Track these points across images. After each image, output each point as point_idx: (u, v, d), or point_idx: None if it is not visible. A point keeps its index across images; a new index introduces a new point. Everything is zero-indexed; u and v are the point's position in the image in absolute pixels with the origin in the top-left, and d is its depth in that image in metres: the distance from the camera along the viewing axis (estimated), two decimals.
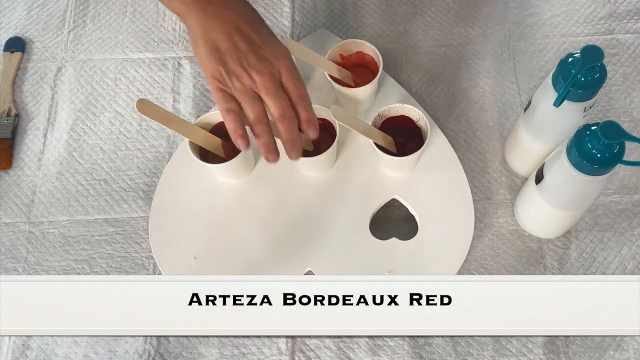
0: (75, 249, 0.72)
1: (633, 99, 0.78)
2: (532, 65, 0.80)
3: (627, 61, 0.80)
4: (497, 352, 0.65)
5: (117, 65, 0.83)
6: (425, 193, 0.71)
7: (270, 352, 0.66)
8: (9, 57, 0.84)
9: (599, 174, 0.57)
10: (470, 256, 0.69)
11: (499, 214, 0.72)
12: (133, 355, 0.66)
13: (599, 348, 0.65)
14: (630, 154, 0.57)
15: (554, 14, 0.84)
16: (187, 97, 0.80)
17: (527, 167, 0.71)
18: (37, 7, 0.88)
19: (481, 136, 0.76)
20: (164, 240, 0.70)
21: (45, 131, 0.79)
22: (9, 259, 0.72)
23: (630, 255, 0.69)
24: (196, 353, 0.66)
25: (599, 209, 0.71)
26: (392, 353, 0.65)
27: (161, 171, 0.75)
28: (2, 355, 0.67)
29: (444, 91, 0.79)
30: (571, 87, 0.58)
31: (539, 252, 0.70)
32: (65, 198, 0.75)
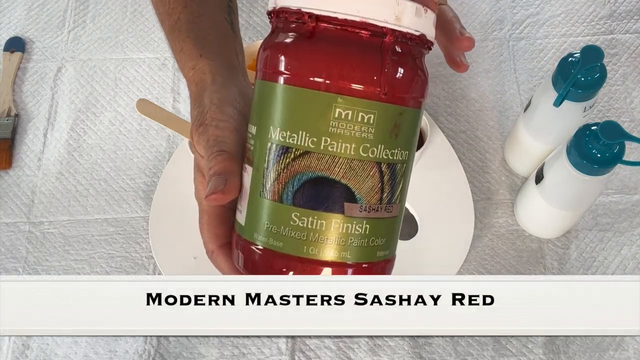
0: (75, 249, 0.72)
1: (633, 99, 0.78)
2: (532, 65, 0.80)
3: (627, 61, 0.80)
4: (497, 352, 0.65)
5: (117, 65, 0.83)
6: (425, 193, 0.71)
7: (270, 352, 0.66)
8: (9, 57, 0.83)
9: (599, 174, 0.57)
10: (470, 256, 0.69)
11: (499, 214, 0.72)
12: (133, 355, 0.66)
13: (599, 348, 0.65)
14: (630, 154, 0.57)
15: (554, 14, 0.84)
16: (187, 97, 0.80)
17: (527, 167, 0.71)
18: (37, 7, 0.88)
19: (481, 136, 0.76)
20: (164, 240, 0.70)
21: (45, 131, 0.79)
22: (9, 259, 0.72)
23: (630, 255, 0.69)
24: (196, 353, 0.66)
25: (599, 209, 0.71)
26: (392, 353, 0.65)
27: (161, 171, 0.75)
28: (2, 355, 0.67)
29: (444, 91, 0.79)
30: (571, 87, 0.58)
31: (539, 252, 0.70)
32: (65, 198, 0.75)
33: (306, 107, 0.33)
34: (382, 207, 0.34)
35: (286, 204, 0.33)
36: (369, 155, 0.33)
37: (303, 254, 0.34)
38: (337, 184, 0.33)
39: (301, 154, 0.33)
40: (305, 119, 0.33)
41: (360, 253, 0.34)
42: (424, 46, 0.35)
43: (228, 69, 0.45)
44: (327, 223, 0.33)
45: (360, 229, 0.34)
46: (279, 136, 0.33)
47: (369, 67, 0.32)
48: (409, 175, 0.36)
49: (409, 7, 0.33)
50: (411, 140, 0.35)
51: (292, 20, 0.33)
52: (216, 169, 0.37)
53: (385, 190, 0.34)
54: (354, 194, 0.33)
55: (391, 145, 0.33)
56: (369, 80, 0.32)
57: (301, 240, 0.33)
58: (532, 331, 0.60)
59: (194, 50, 0.47)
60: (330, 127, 0.32)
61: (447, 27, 0.40)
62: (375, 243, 0.35)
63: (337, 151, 0.32)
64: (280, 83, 0.33)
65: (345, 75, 0.32)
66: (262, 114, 0.34)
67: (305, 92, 0.33)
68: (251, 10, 0.86)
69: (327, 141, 0.32)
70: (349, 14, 0.32)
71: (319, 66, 0.32)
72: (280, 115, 0.33)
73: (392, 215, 0.35)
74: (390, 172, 0.34)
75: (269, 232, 0.34)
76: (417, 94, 0.35)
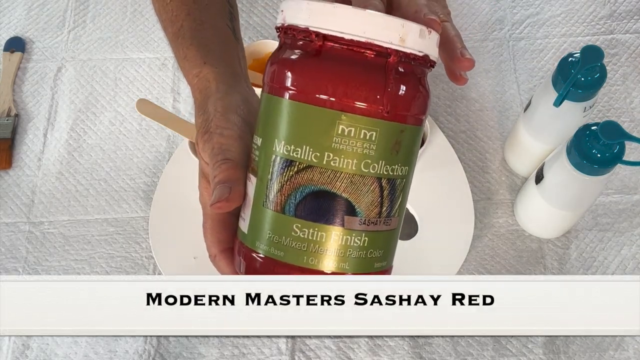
0: (75, 249, 0.72)
1: (633, 99, 0.78)
2: (532, 65, 0.80)
3: (627, 61, 0.80)
4: (497, 352, 0.65)
5: (117, 65, 0.83)
6: (425, 193, 0.70)
7: (270, 352, 0.66)
8: (9, 57, 0.84)
9: (599, 174, 0.57)
10: (470, 256, 0.69)
11: (499, 214, 0.72)
12: (133, 355, 0.66)
13: (599, 348, 0.65)
14: (630, 154, 0.57)
15: (554, 14, 0.84)
16: (187, 97, 0.80)
17: (527, 167, 0.71)
18: (37, 7, 0.88)
19: (481, 136, 0.76)
20: (164, 240, 0.70)
21: (45, 131, 0.79)
22: (9, 259, 0.72)
23: (630, 255, 0.69)
24: (196, 353, 0.66)
25: (599, 209, 0.71)
26: (392, 353, 0.65)
27: (161, 171, 0.75)
28: (2, 355, 0.67)
29: (444, 91, 0.79)
30: (571, 87, 0.58)
31: (539, 252, 0.70)
32: (65, 198, 0.75)
33: (311, 123, 0.34)
34: (381, 220, 0.35)
35: (288, 215, 0.34)
36: (370, 170, 0.34)
37: (303, 263, 0.35)
38: (338, 198, 0.34)
39: (304, 168, 0.34)
40: (310, 134, 0.34)
41: (359, 264, 0.36)
42: (426, 65, 0.36)
43: (231, 76, 0.46)
44: (327, 235, 0.34)
45: (359, 241, 0.35)
46: (283, 149, 0.34)
47: (372, 86, 0.33)
48: (408, 190, 0.37)
49: (414, 29, 0.34)
50: (411, 156, 0.36)
51: (299, 38, 0.34)
52: (221, 177, 0.38)
53: (385, 204, 0.35)
54: (354, 208, 0.34)
55: (392, 162, 0.34)
56: (372, 98, 0.33)
57: (302, 251, 0.34)
58: (532, 331, 0.60)
59: (198, 57, 0.47)
60: (333, 142, 0.33)
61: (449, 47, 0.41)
62: (373, 255, 0.36)
63: (340, 166, 0.33)
64: (286, 98, 0.34)
65: (349, 94, 0.33)
66: (267, 127, 0.35)
67: (310, 109, 0.33)
68: (251, 10, 0.86)
69: (329, 156, 0.33)
70: (355, 35, 0.33)
71: (325, 84, 0.33)
72: (285, 129, 0.34)
73: (391, 228, 0.36)
74: (390, 187, 0.35)
75: (271, 241, 0.35)
76: (419, 111, 0.36)
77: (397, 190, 0.35)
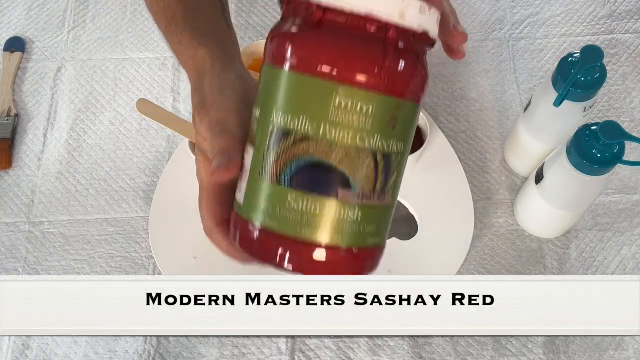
0: (75, 249, 0.72)
1: (633, 99, 0.78)
2: (532, 65, 0.80)
3: (627, 61, 0.80)
4: (497, 352, 0.65)
5: (117, 65, 0.83)
6: (425, 193, 0.71)
7: (270, 352, 0.66)
8: (9, 57, 0.84)
9: (599, 174, 0.57)
10: (470, 256, 0.69)
11: (499, 214, 0.72)
12: (133, 355, 0.66)
13: (599, 348, 0.65)
14: (630, 154, 0.57)
15: (554, 14, 0.84)
16: (187, 97, 0.80)
17: (527, 167, 0.71)
18: (37, 7, 0.88)
19: (481, 136, 0.76)
20: (164, 240, 0.70)
21: (45, 131, 0.79)
22: (9, 259, 0.72)
23: (630, 255, 0.69)
24: (196, 353, 0.66)
25: (599, 209, 0.71)
26: (392, 353, 0.65)
27: (161, 171, 0.75)
28: (2, 355, 0.67)
29: (444, 91, 0.79)
30: (571, 87, 0.58)
31: (539, 252, 0.70)
32: (65, 198, 0.75)
33: (309, 94, 0.34)
34: (375, 195, 0.35)
35: (283, 186, 0.34)
36: (365, 144, 0.34)
37: (297, 234, 0.35)
38: (333, 170, 0.34)
39: (301, 139, 0.34)
40: (307, 105, 0.34)
41: (352, 238, 0.35)
42: (426, 43, 0.36)
43: (226, 56, 0.47)
44: (321, 207, 0.34)
45: (352, 214, 0.35)
46: (281, 120, 0.34)
47: (371, 59, 0.33)
48: (404, 168, 0.37)
49: (414, 5, 0.34)
50: (407, 133, 0.36)
51: (301, 10, 0.34)
52: (220, 147, 0.39)
53: (379, 179, 0.35)
54: (348, 181, 0.34)
55: (387, 136, 0.35)
56: (370, 72, 0.33)
57: (296, 222, 0.34)
58: (532, 331, 0.60)
59: (193, 41, 0.48)
60: (330, 114, 0.33)
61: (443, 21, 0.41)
62: (366, 229, 0.36)
63: (336, 138, 0.34)
64: (285, 69, 0.34)
65: (347, 66, 0.33)
66: (266, 98, 0.36)
67: (309, 80, 0.34)
68: (251, 10, 0.86)
69: (326, 127, 0.33)
70: (356, 8, 0.33)
71: (324, 56, 0.33)
72: (284, 100, 0.34)
73: (384, 204, 0.36)
74: (385, 162, 0.35)
75: (266, 212, 0.35)
76: (416, 88, 0.36)
77: (392, 166, 0.35)
